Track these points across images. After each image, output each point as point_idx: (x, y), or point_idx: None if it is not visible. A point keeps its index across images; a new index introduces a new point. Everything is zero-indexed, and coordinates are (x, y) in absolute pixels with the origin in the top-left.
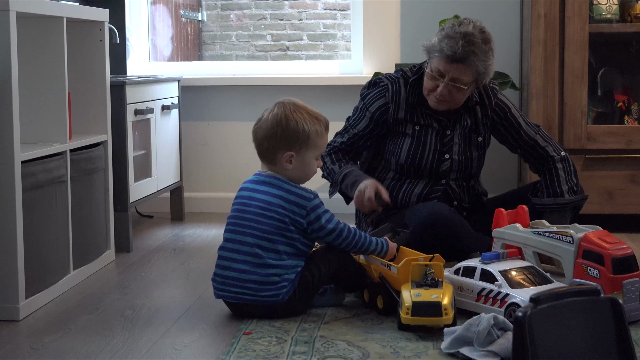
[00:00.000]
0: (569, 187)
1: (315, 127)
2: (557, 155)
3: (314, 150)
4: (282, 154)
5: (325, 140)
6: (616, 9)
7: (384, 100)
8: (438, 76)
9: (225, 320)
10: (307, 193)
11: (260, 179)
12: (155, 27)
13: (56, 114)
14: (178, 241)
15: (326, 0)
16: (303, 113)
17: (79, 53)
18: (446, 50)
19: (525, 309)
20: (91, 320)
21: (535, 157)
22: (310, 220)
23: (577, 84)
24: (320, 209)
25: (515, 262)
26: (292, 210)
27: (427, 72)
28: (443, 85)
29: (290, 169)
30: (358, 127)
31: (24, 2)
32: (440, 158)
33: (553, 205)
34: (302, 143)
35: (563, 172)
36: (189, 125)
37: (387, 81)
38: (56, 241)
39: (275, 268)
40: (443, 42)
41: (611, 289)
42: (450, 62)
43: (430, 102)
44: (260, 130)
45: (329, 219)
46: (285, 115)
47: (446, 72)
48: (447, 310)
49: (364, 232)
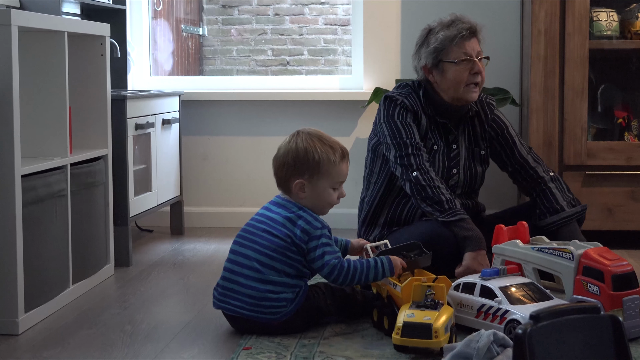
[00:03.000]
0: (567, 201)
1: (328, 155)
2: (547, 175)
3: (327, 179)
4: (294, 182)
5: (341, 169)
6: (616, 25)
7: (412, 113)
8: (470, 57)
9: (225, 335)
10: (315, 222)
11: (276, 201)
12: (156, 42)
13: (57, 128)
14: (178, 256)
15: (327, 16)
16: (315, 141)
17: (80, 67)
18: (463, 27)
19: (526, 326)
20: (90, 335)
21: (525, 176)
22: (309, 248)
23: (577, 100)
24: (320, 240)
25: (515, 278)
26: (294, 233)
27: (452, 63)
28: (477, 62)
29: (303, 198)
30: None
31: (26, 17)
32: (449, 173)
33: (560, 221)
34: (312, 171)
35: (557, 190)
36: (189, 139)
37: (401, 98)
38: (56, 255)
39: (272, 284)
40: (451, 29)
41: (611, 306)
42: (469, 38)
43: (467, 95)
44: (276, 159)
45: (326, 252)
46: (296, 144)
47: (472, 50)
48: (437, 333)
49: (363, 261)
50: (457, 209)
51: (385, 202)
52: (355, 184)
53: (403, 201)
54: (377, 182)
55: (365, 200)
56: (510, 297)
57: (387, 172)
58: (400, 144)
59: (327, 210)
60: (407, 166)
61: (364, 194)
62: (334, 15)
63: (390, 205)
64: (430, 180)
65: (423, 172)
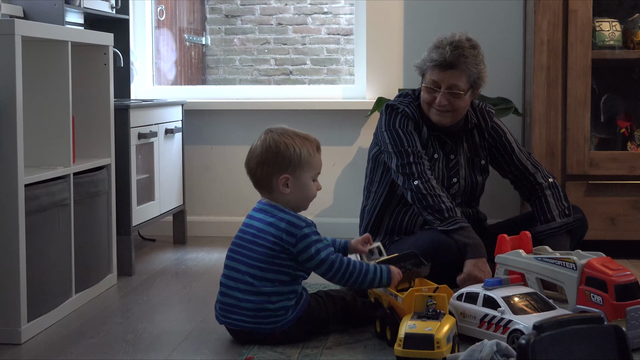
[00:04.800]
0: (560, 210)
1: (307, 147)
2: (545, 182)
3: (309, 171)
4: (277, 178)
5: (318, 159)
6: (619, 35)
7: (413, 121)
8: (434, 87)
9: (227, 345)
10: (298, 221)
11: (259, 207)
12: (160, 51)
13: (60, 137)
14: (180, 265)
15: (330, 25)
16: (292, 136)
17: (84, 77)
18: (437, 57)
19: (529, 336)
20: (93, 344)
21: (525, 183)
22: (299, 250)
23: (580, 110)
24: (310, 238)
25: (518, 288)
26: (281, 238)
27: (423, 86)
28: (441, 94)
29: (288, 193)
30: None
31: (30, 27)
32: (449, 183)
33: (547, 231)
34: (295, 165)
35: (552, 199)
36: (192, 149)
37: (402, 106)
38: (58, 264)
39: (268, 295)
40: (433, 53)
41: (614, 316)
42: (443, 69)
43: (432, 116)
44: (252, 159)
45: (320, 249)
46: (274, 140)
47: (441, 81)
48: (439, 343)
49: (364, 263)
50: (457, 218)
51: (386, 211)
52: (357, 193)
53: (404, 210)
54: (378, 191)
55: (366, 210)
56: (513, 307)
57: (388, 181)
58: (402, 152)
59: (307, 205)
60: (408, 175)
61: (365, 203)
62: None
63: (391, 214)
64: (431, 188)
65: (424, 181)
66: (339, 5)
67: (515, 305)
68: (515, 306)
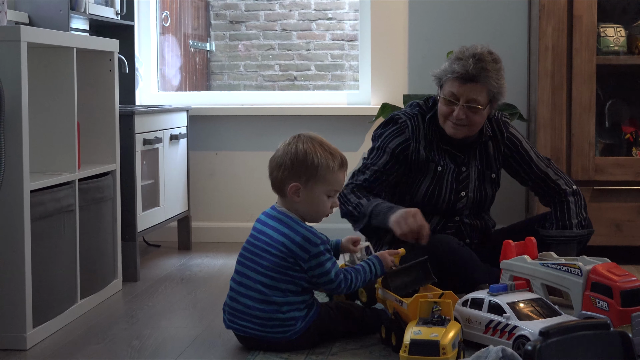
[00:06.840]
0: (578, 221)
1: (327, 161)
2: (569, 188)
3: (323, 185)
4: (289, 185)
5: (338, 177)
6: (623, 41)
7: (404, 137)
8: (453, 100)
9: (233, 351)
10: (314, 237)
11: (272, 214)
12: (164, 57)
13: (65, 143)
14: (185, 271)
15: (334, 31)
16: (316, 145)
17: (89, 83)
18: (458, 69)
19: (535, 343)
20: (98, 350)
21: (547, 190)
22: (311, 266)
23: (585, 116)
24: (324, 256)
25: (523, 294)
26: (294, 252)
27: (441, 97)
28: (459, 108)
29: (298, 202)
30: (378, 164)
31: (35, 33)
32: (457, 196)
33: (560, 238)
34: (309, 175)
35: (574, 206)
36: (197, 154)
37: (405, 117)
38: (64, 270)
39: (279, 305)
40: (454, 64)
41: (620, 322)
42: (463, 82)
43: (448, 129)
44: (273, 160)
45: (331, 267)
46: (296, 146)
47: (460, 95)
48: (445, 349)
49: (360, 269)
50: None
51: None
52: None
53: None
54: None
55: None
56: (519, 312)
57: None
58: (363, 163)
59: (320, 219)
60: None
61: None
62: (341, 31)
63: None
64: (342, 196)
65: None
66: (344, 11)
67: (520, 311)
68: (521, 312)
